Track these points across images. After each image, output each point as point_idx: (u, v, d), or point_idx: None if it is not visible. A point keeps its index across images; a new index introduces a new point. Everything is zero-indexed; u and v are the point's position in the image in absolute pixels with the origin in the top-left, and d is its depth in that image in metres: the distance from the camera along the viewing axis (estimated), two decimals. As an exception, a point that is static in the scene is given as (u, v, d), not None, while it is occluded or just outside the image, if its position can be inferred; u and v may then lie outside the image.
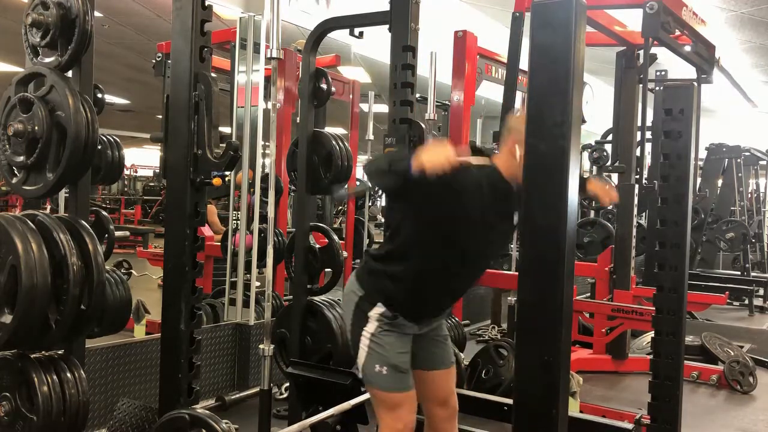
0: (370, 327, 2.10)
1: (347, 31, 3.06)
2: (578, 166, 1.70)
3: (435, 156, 1.83)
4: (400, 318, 2.11)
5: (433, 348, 2.26)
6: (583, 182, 2.39)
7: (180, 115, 2.24)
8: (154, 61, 5.34)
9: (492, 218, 2.08)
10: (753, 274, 8.46)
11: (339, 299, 3.79)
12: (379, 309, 2.10)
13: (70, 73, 2.01)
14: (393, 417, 2.09)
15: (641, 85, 4.06)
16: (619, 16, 4.75)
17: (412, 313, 2.14)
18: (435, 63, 4.36)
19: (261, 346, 2.79)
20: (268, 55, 2.80)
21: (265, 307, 2.82)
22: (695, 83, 2.83)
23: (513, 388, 1.79)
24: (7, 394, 1.88)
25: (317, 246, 3.31)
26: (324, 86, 3.20)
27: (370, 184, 2.09)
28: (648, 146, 4.30)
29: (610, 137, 6.03)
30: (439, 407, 2.28)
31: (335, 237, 3.42)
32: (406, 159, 1.89)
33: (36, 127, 1.91)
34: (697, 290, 5.85)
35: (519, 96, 4.93)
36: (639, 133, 4.24)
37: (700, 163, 8.50)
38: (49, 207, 3.80)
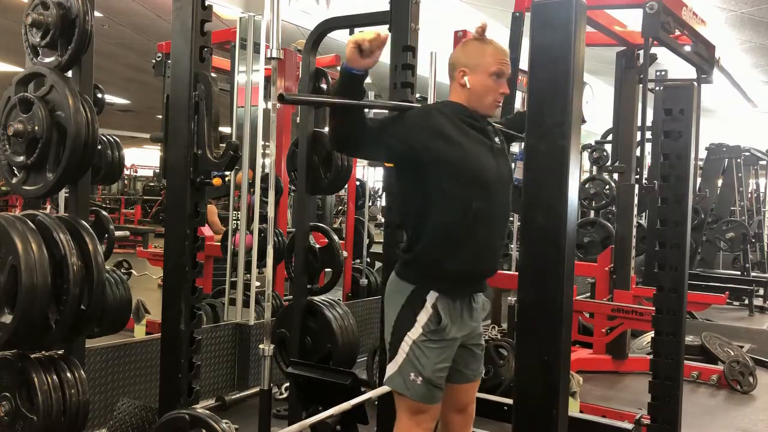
0: (414, 333, 2.03)
1: (347, 31, 3.06)
2: (578, 166, 1.70)
3: (361, 36, 1.85)
4: (446, 321, 2.03)
5: (469, 360, 2.19)
6: None
7: (180, 115, 2.24)
8: (154, 61, 5.34)
9: (477, 141, 2.07)
10: (753, 274, 8.47)
11: (339, 299, 3.81)
12: (426, 313, 2.02)
13: (70, 73, 2.01)
14: (414, 421, 2.07)
15: (641, 85, 4.06)
16: (619, 16, 4.75)
17: (459, 277, 2.06)
18: (435, 63, 4.36)
19: (261, 346, 2.78)
20: (268, 55, 2.79)
21: (265, 307, 2.82)
22: (695, 83, 2.83)
23: (513, 388, 1.79)
24: (7, 394, 1.88)
25: (317, 246, 3.31)
26: (324, 86, 3.21)
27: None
28: (648, 146, 4.30)
29: (610, 137, 6.03)
30: (457, 414, 2.25)
31: (335, 237, 3.42)
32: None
33: (36, 127, 1.91)
34: (697, 290, 5.85)
35: (519, 96, 4.93)
36: (639, 133, 4.24)
37: (700, 163, 8.50)
38: (49, 207, 3.80)
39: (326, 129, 3.42)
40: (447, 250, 2.03)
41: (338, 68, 6.03)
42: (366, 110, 2.05)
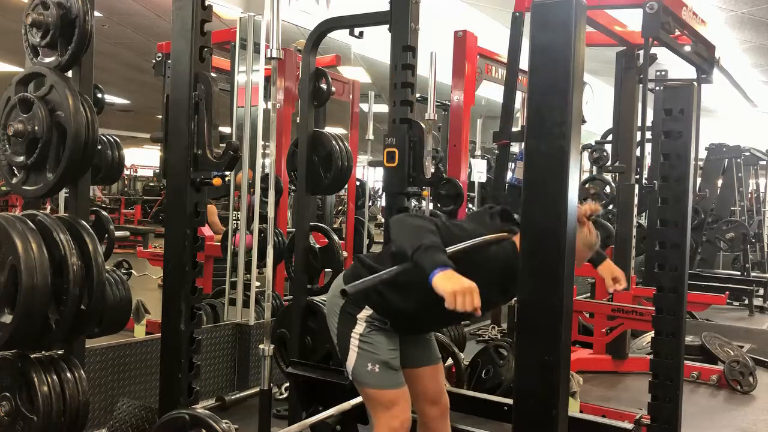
0: (359, 328, 2.10)
1: (347, 31, 3.06)
2: (578, 166, 1.70)
3: (461, 300, 1.75)
4: (389, 324, 2.12)
5: (417, 345, 2.27)
6: (600, 260, 2.50)
7: (180, 115, 2.23)
8: (154, 61, 5.34)
9: (495, 294, 2.09)
10: (753, 274, 8.46)
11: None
12: (366, 312, 2.10)
13: (70, 73, 2.01)
14: (389, 415, 2.09)
15: (641, 85, 4.06)
16: (619, 16, 4.75)
17: (400, 329, 2.15)
18: (435, 63, 4.36)
19: (261, 346, 2.78)
20: (268, 55, 2.79)
21: (265, 307, 2.82)
22: (695, 83, 2.83)
23: (513, 388, 1.79)
24: (7, 394, 1.88)
25: (317, 246, 3.31)
26: (324, 86, 3.20)
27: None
28: (648, 146, 4.30)
29: (610, 137, 6.03)
30: (430, 406, 2.30)
31: (335, 237, 3.42)
32: (433, 254, 1.79)
33: (36, 127, 1.91)
34: (697, 290, 5.85)
35: (519, 96, 4.93)
36: (639, 133, 4.24)
37: (700, 163, 8.50)
38: (49, 207, 3.80)
39: (326, 129, 3.42)
40: (403, 317, 2.11)
41: (338, 68, 6.04)
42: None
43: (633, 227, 4.86)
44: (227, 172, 4.38)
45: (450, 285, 1.75)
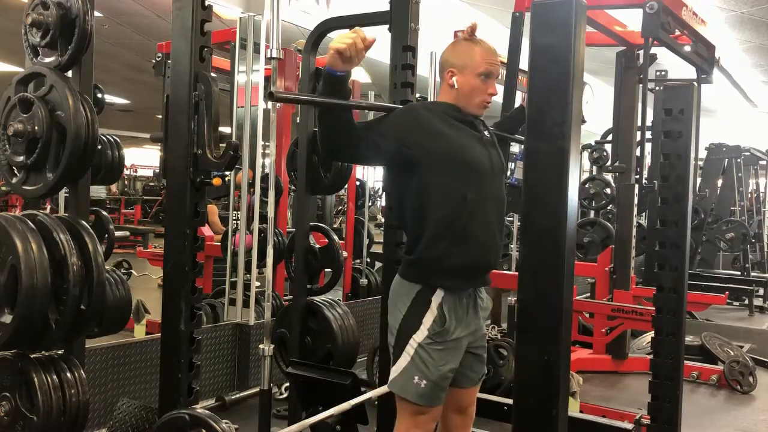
0: (420, 336, 2.01)
1: (347, 31, 3.05)
2: (578, 166, 1.70)
3: (343, 38, 1.88)
4: (451, 322, 2.03)
5: (473, 362, 2.18)
6: None
7: (180, 115, 2.23)
8: (154, 61, 5.34)
9: (465, 133, 2.08)
10: (753, 274, 8.46)
11: (339, 299, 3.80)
12: (434, 306, 2.01)
13: (70, 73, 2.01)
14: (414, 422, 2.06)
15: (641, 85, 4.06)
16: (619, 16, 4.75)
17: (463, 272, 2.04)
18: (435, 63, 4.36)
19: (261, 346, 2.78)
20: (268, 55, 2.80)
21: (265, 307, 2.82)
22: (695, 83, 2.83)
23: (513, 388, 1.79)
24: (7, 394, 1.88)
25: (317, 246, 3.31)
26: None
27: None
28: (648, 146, 4.30)
29: (610, 137, 6.03)
30: (457, 415, 2.25)
31: (335, 237, 3.42)
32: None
33: (36, 127, 1.91)
34: (697, 290, 5.85)
35: (519, 96, 4.93)
36: (639, 133, 4.24)
37: (700, 163, 8.50)
38: (49, 207, 3.80)
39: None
40: (448, 246, 2.02)
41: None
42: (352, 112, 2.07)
43: (633, 227, 4.85)
44: (227, 172, 4.39)
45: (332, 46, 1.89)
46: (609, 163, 6.00)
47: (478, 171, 2.04)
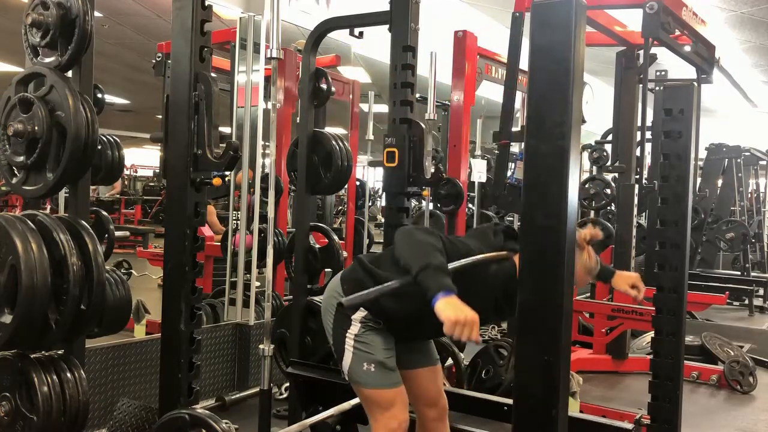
0: (354, 329, 2.10)
1: (347, 31, 3.06)
2: (578, 166, 1.70)
3: (460, 329, 1.78)
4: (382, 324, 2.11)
5: (414, 347, 2.27)
6: (609, 275, 2.45)
7: (180, 115, 2.23)
8: (154, 61, 5.34)
9: (489, 313, 2.12)
10: (753, 274, 8.46)
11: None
12: (361, 312, 2.09)
13: (70, 73, 2.01)
14: (387, 416, 2.09)
15: (641, 85, 4.06)
16: (619, 16, 4.75)
17: (394, 333, 2.14)
18: (435, 63, 4.36)
19: (261, 346, 2.78)
20: (268, 55, 2.80)
21: (265, 307, 2.82)
22: (695, 83, 2.83)
23: (513, 388, 1.79)
24: (7, 394, 1.88)
25: (317, 246, 3.31)
26: (324, 86, 3.20)
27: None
28: (648, 146, 4.30)
29: (610, 137, 6.03)
30: (428, 407, 2.29)
31: (335, 237, 3.42)
32: (439, 277, 1.81)
33: (36, 127, 1.91)
34: (697, 290, 5.85)
35: (519, 96, 4.92)
36: (639, 133, 4.24)
37: (700, 163, 8.50)
38: (49, 207, 3.80)
39: (326, 129, 3.42)
40: (398, 323, 2.11)
41: (338, 68, 6.04)
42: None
43: (633, 227, 4.86)
44: (227, 172, 4.38)
45: (453, 312, 1.76)
46: (609, 163, 6.00)
47: None
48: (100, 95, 3.07)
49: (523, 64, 3.12)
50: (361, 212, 6.17)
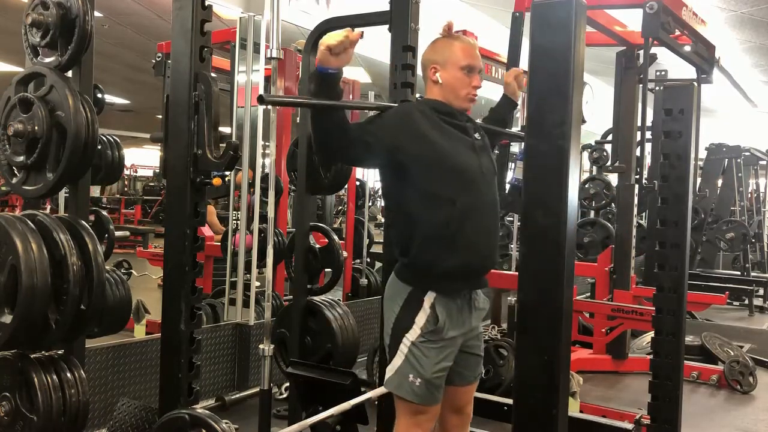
0: (412, 334, 2.02)
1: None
2: (578, 166, 1.70)
3: (332, 35, 1.87)
4: (443, 321, 2.03)
5: (469, 361, 2.18)
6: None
7: (180, 115, 2.23)
8: (154, 61, 5.34)
9: (456, 138, 2.08)
10: (753, 274, 8.47)
11: (339, 299, 3.80)
12: (430, 297, 2.01)
13: (70, 73, 2.01)
14: (413, 422, 2.07)
15: (641, 85, 4.06)
16: (619, 16, 4.75)
17: (455, 275, 2.04)
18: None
19: (261, 346, 2.78)
20: (268, 55, 2.80)
21: (265, 307, 2.82)
22: (695, 83, 2.83)
23: (513, 388, 1.79)
24: (7, 394, 1.88)
25: (317, 246, 3.31)
26: (323, 86, 3.19)
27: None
28: (648, 146, 4.30)
29: (610, 137, 6.03)
30: (454, 414, 2.25)
31: (335, 237, 3.42)
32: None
33: (36, 127, 1.91)
34: (697, 290, 5.84)
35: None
36: (639, 133, 4.23)
37: (700, 163, 8.50)
38: (49, 207, 3.80)
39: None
40: (440, 250, 2.03)
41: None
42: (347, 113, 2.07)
43: (633, 227, 4.86)
44: (227, 172, 4.39)
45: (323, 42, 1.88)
46: (609, 163, 6.00)
47: (468, 177, 2.05)
48: (100, 95, 3.07)
49: (523, 64, 3.12)
50: (361, 212, 6.17)
